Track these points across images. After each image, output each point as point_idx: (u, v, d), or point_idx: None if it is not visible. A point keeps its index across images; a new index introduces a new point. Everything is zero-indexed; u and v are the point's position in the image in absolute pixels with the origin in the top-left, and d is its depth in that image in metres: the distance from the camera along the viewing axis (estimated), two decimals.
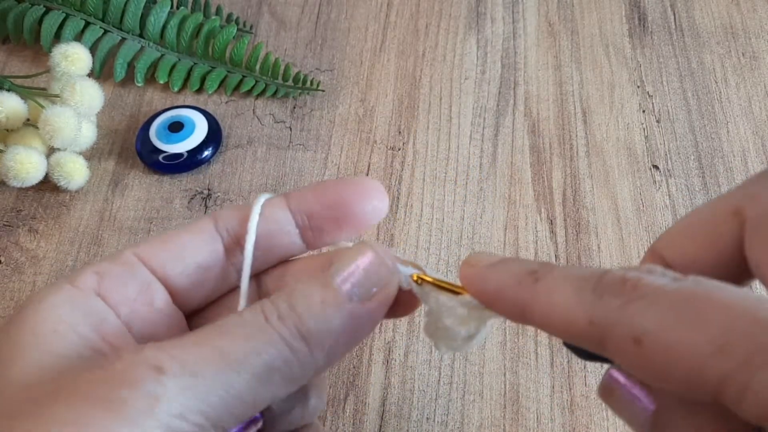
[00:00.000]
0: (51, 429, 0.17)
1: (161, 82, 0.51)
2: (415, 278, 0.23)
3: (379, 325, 0.40)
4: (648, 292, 0.17)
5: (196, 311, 0.25)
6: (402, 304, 0.24)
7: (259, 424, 0.24)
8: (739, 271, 0.19)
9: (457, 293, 0.23)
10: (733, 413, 0.15)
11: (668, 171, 0.47)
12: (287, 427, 0.25)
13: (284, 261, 0.26)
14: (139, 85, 0.52)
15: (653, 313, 0.16)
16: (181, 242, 0.23)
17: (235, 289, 0.25)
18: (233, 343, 0.20)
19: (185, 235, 0.24)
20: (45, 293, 0.22)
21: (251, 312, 0.21)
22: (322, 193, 0.24)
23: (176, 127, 0.48)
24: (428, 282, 0.23)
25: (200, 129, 0.48)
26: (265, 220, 0.24)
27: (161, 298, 0.23)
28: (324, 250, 0.26)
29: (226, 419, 0.20)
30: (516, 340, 0.40)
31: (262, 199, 0.24)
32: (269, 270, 0.25)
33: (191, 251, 0.23)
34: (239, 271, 0.24)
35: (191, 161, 0.47)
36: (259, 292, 0.26)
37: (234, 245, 0.24)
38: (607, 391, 0.20)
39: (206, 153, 0.48)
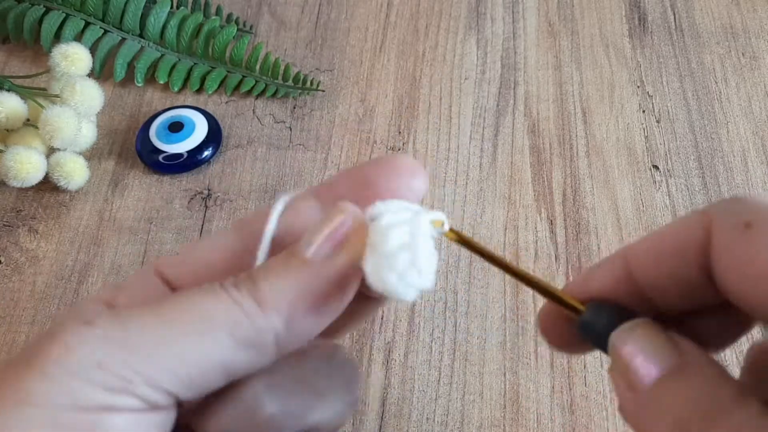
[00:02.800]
0: None
1: (161, 82, 0.51)
2: (445, 231, 0.21)
3: (379, 325, 0.40)
4: (761, 199, 0.19)
5: None
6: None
7: None
8: (700, 280, 0.20)
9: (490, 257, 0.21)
10: None
11: (668, 171, 0.47)
12: None
13: None
14: (139, 85, 0.52)
15: (766, 209, 0.18)
16: (198, 250, 0.23)
17: None
18: (179, 304, 0.19)
19: (203, 244, 0.23)
20: (69, 311, 0.22)
21: (209, 283, 0.20)
22: (353, 178, 0.23)
23: (176, 127, 0.48)
24: (459, 237, 0.21)
25: (200, 129, 0.48)
26: (292, 214, 0.22)
27: None
28: None
29: (164, 377, 0.18)
30: (516, 340, 0.40)
31: (286, 196, 0.23)
32: None
33: (206, 258, 0.22)
34: None
35: (191, 161, 0.47)
36: None
37: (255, 245, 0.23)
38: (621, 340, 0.20)
39: (206, 153, 0.48)
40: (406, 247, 0.20)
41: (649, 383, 0.18)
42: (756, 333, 0.40)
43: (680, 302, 0.21)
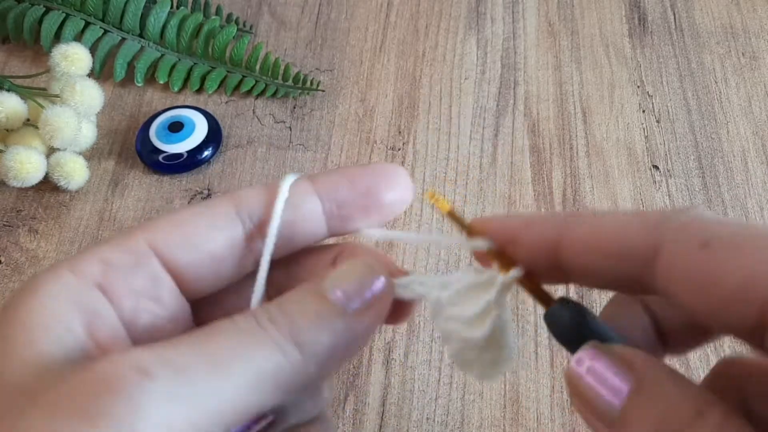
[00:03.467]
0: None
1: (161, 82, 0.51)
2: (432, 198, 0.23)
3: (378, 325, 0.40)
4: (715, 216, 0.18)
5: (204, 298, 0.24)
6: (396, 312, 0.23)
7: (270, 418, 0.23)
8: (631, 284, 0.19)
9: (471, 234, 0.22)
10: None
11: (668, 171, 0.47)
12: (298, 420, 0.24)
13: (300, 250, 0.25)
14: (139, 85, 0.52)
15: (723, 228, 0.17)
16: (197, 230, 0.22)
17: (248, 276, 0.24)
18: (224, 347, 0.19)
19: (202, 221, 0.22)
20: (43, 279, 0.20)
21: (243, 316, 0.20)
22: (354, 182, 0.23)
23: (176, 127, 0.48)
24: (446, 211, 0.23)
25: (200, 129, 0.48)
26: (292, 207, 0.23)
27: (169, 292, 0.22)
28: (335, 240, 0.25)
29: (214, 428, 0.19)
30: (516, 340, 0.40)
31: (288, 181, 0.23)
32: (282, 261, 0.24)
33: (207, 240, 0.22)
34: (257, 260, 0.23)
35: (191, 161, 0.47)
36: (269, 280, 0.24)
37: (256, 232, 0.23)
38: (576, 372, 0.20)
39: (206, 153, 0.48)
40: (489, 339, 0.22)
41: (618, 410, 0.18)
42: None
43: (598, 286, 0.21)
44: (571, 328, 0.21)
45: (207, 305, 0.24)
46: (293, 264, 0.25)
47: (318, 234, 0.24)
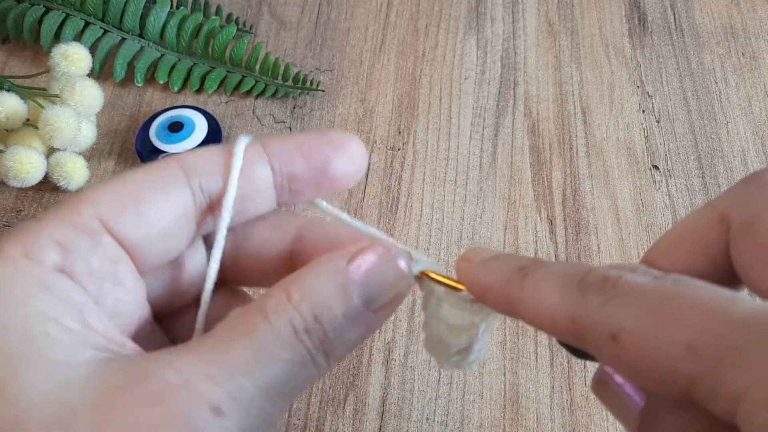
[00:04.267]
0: None
1: (161, 82, 0.51)
2: (419, 276, 0.23)
3: None
4: (627, 291, 0.17)
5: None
6: None
7: None
8: (729, 277, 0.19)
9: (457, 289, 0.23)
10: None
11: (668, 171, 0.47)
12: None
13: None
14: (139, 85, 0.52)
15: (630, 312, 0.17)
16: (148, 204, 0.21)
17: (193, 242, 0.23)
18: (275, 370, 0.19)
19: (152, 194, 0.21)
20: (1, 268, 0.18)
21: (281, 323, 0.20)
22: (309, 156, 0.23)
23: (176, 127, 0.48)
24: (431, 278, 0.23)
25: (200, 129, 0.48)
26: (244, 179, 0.22)
27: (128, 271, 0.21)
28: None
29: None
30: (516, 340, 0.40)
31: (241, 149, 0.22)
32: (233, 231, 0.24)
33: (158, 215, 0.21)
34: (207, 234, 0.23)
35: None
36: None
37: (207, 207, 0.22)
38: (601, 385, 0.20)
39: None
40: (466, 349, 0.23)
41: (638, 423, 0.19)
42: None
43: None
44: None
45: (155, 275, 0.23)
46: (245, 232, 0.24)
47: (267, 206, 0.23)
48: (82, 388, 0.17)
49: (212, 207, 0.22)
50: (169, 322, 0.25)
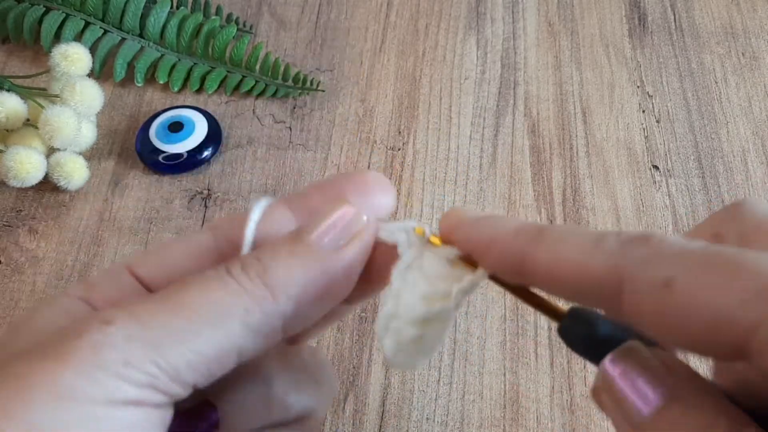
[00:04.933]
0: (1, 385, 0.18)
1: (161, 82, 0.51)
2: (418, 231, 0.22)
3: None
4: (677, 245, 0.17)
5: None
6: (374, 267, 0.23)
7: (213, 419, 0.23)
8: (603, 305, 0.19)
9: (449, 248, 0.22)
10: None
11: (668, 171, 0.47)
12: (252, 425, 0.24)
13: None
14: (139, 85, 0.52)
15: (685, 262, 0.16)
16: (172, 251, 0.23)
17: None
18: (188, 294, 0.20)
19: (177, 245, 0.23)
20: (38, 305, 0.22)
21: (213, 268, 0.21)
22: (325, 191, 0.23)
23: (176, 127, 0.48)
24: (424, 237, 0.22)
25: (200, 129, 0.48)
26: (266, 222, 0.23)
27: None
28: None
29: (186, 373, 0.19)
30: (516, 340, 0.40)
31: (262, 203, 0.24)
32: None
33: (181, 259, 0.23)
34: None
35: (191, 161, 0.47)
36: None
37: (232, 252, 0.23)
38: (601, 391, 0.19)
39: (206, 153, 0.48)
40: (425, 323, 0.21)
41: (647, 417, 0.18)
42: None
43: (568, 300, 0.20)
44: (585, 342, 0.20)
45: None
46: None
47: None
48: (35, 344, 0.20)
49: (235, 248, 0.23)
50: None
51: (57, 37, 0.51)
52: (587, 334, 0.20)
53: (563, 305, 0.21)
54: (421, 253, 0.22)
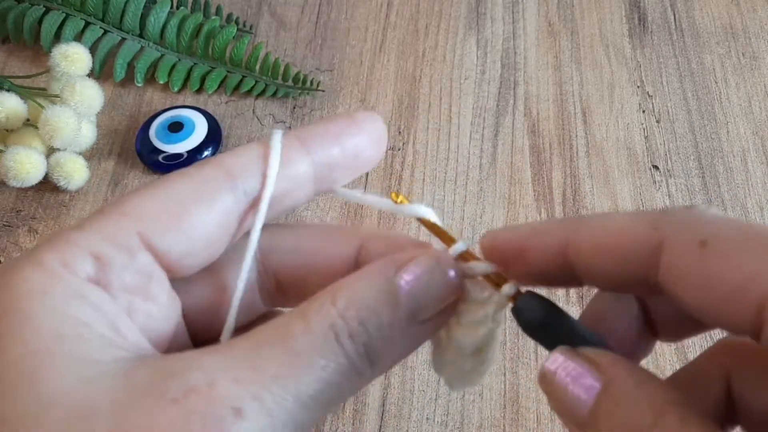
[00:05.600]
0: None
1: (161, 82, 0.51)
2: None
3: None
4: (717, 214, 0.19)
5: None
6: None
7: None
8: (639, 283, 0.20)
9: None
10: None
11: (668, 171, 0.47)
12: None
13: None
14: (139, 85, 0.52)
15: (722, 227, 0.18)
16: (192, 217, 0.21)
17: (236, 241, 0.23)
18: (308, 376, 0.19)
19: (196, 206, 0.21)
20: (39, 276, 0.18)
21: (321, 327, 0.19)
22: (343, 143, 0.23)
23: (176, 127, 0.48)
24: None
25: (200, 129, 0.48)
26: (285, 177, 0.22)
27: (161, 288, 0.21)
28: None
29: None
30: (516, 340, 0.40)
31: (278, 143, 0.22)
32: (286, 241, 0.24)
33: (202, 228, 0.21)
34: (247, 230, 0.22)
35: (191, 161, 0.47)
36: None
37: (249, 206, 0.22)
38: (549, 374, 0.20)
39: (206, 153, 0.48)
40: (479, 350, 0.22)
41: (588, 411, 0.19)
42: None
43: (610, 288, 0.21)
44: (541, 326, 0.21)
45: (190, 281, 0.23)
46: (297, 247, 0.24)
47: (304, 198, 0.23)
48: (106, 386, 0.17)
49: (254, 205, 0.22)
50: None
51: (57, 37, 0.51)
52: (544, 321, 0.21)
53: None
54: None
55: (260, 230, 0.22)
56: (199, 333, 0.23)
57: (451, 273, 0.21)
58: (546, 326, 0.21)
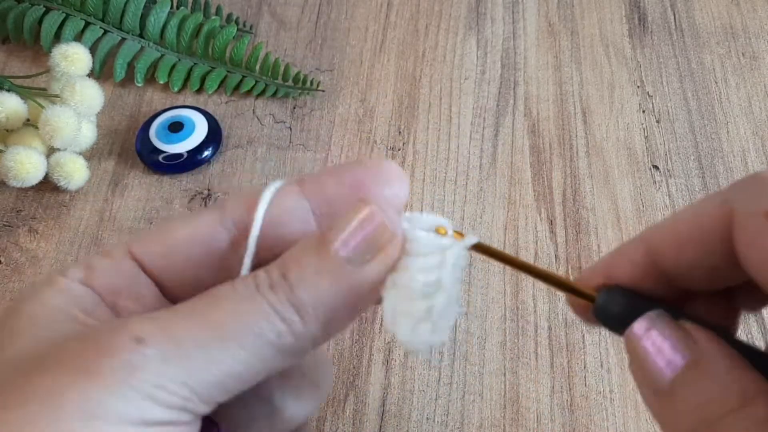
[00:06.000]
0: (29, 398, 0.18)
1: (161, 82, 0.51)
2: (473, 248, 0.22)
3: (379, 325, 0.40)
4: None
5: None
6: None
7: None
8: (725, 263, 0.20)
9: (516, 264, 0.22)
10: None
11: (668, 171, 0.47)
12: None
13: None
14: (139, 85, 0.52)
15: None
16: (177, 237, 0.22)
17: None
18: (221, 313, 0.19)
19: (183, 230, 0.22)
20: (38, 286, 0.22)
21: (243, 281, 0.20)
22: (341, 179, 0.22)
23: (176, 127, 0.48)
24: (489, 251, 0.22)
25: (200, 129, 0.48)
26: (278, 208, 0.22)
27: (149, 292, 0.22)
28: None
29: (215, 393, 0.19)
30: (516, 340, 0.40)
31: (273, 186, 0.23)
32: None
33: (186, 246, 0.22)
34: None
35: (191, 161, 0.47)
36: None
37: (242, 237, 0.22)
38: (637, 335, 0.20)
39: (206, 153, 0.48)
40: (429, 294, 0.21)
41: (668, 381, 0.18)
42: None
43: (705, 283, 0.21)
44: (622, 317, 0.20)
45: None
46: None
47: (305, 228, 0.23)
48: (51, 344, 0.20)
49: (246, 233, 0.22)
50: None
51: (57, 37, 0.51)
52: (623, 310, 0.20)
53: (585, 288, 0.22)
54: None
55: (254, 248, 0.22)
56: None
57: (378, 214, 0.21)
58: (633, 317, 0.20)
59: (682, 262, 0.20)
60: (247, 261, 0.22)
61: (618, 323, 0.21)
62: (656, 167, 0.48)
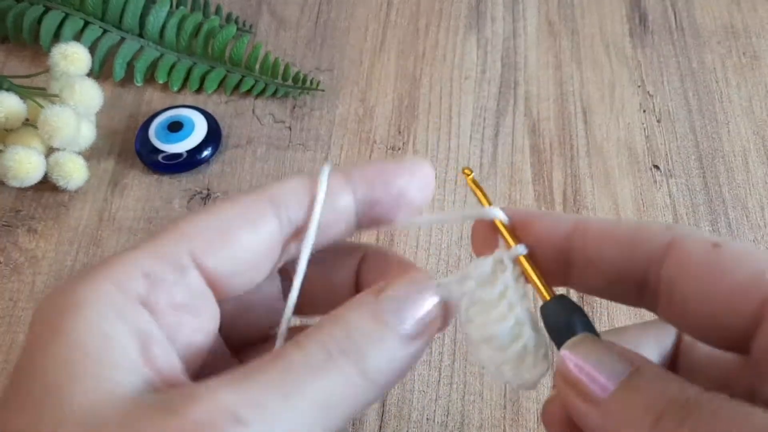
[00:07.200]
0: None
1: (161, 81, 0.51)
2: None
3: None
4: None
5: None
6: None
7: None
8: (638, 282, 0.21)
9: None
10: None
11: (669, 171, 0.47)
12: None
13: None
14: (139, 84, 0.52)
15: (729, 238, 0.20)
16: (239, 239, 0.22)
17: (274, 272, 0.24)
18: (305, 385, 0.19)
19: (243, 230, 0.22)
20: (85, 294, 0.19)
21: (314, 345, 0.20)
22: (388, 182, 0.23)
23: (176, 127, 0.48)
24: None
25: (200, 129, 0.48)
26: (328, 208, 0.23)
27: (207, 305, 0.22)
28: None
29: None
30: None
31: (325, 179, 0.23)
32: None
33: (248, 250, 0.22)
34: (290, 258, 0.23)
35: (191, 161, 0.47)
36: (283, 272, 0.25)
37: (293, 235, 0.23)
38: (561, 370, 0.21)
39: (206, 153, 0.47)
40: (516, 334, 0.23)
41: (608, 393, 0.19)
42: None
43: (600, 288, 0.23)
44: (565, 328, 0.22)
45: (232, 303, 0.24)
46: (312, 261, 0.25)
47: (348, 231, 0.24)
48: (119, 405, 0.18)
49: (297, 234, 0.23)
50: (246, 355, 0.26)
51: (56, 37, 0.51)
52: (569, 322, 0.22)
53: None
54: (461, 280, 0.23)
55: (308, 255, 0.23)
56: (234, 341, 0.25)
57: (429, 293, 0.22)
58: (572, 330, 0.21)
59: (601, 256, 0.22)
60: (301, 271, 0.23)
61: (555, 331, 0.22)
62: (657, 167, 0.47)
